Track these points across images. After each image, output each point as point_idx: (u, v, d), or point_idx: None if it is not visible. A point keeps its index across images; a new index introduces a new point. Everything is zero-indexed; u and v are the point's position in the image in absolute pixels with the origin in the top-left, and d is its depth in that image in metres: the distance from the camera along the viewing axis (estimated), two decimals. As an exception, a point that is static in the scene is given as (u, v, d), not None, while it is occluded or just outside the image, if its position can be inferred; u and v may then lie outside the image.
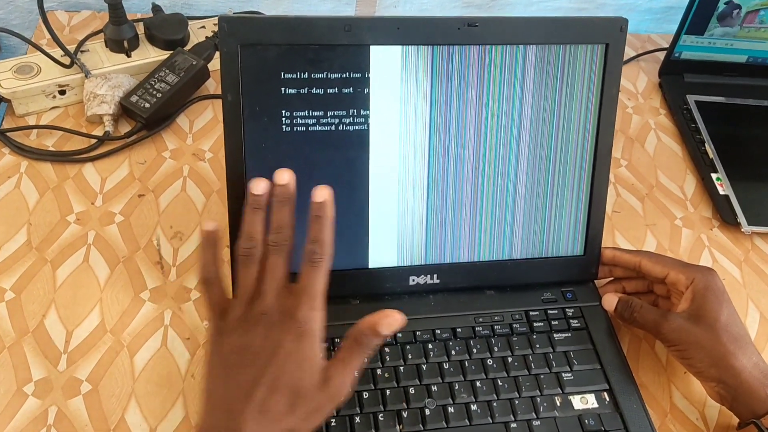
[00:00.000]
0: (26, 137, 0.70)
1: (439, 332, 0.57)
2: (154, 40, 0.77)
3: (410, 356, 0.55)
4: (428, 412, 0.52)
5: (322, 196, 0.47)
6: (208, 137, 0.73)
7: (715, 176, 0.76)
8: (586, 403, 0.55)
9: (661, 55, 0.90)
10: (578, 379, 0.56)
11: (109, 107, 0.71)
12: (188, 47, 0.77)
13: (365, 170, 0.55)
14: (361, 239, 0.57)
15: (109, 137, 0.70)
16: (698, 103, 0.85)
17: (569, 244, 0.61)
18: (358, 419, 0.51)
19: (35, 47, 0.72)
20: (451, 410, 0.53)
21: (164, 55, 0.76)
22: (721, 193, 0.75)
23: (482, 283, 0.60)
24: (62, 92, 0.73)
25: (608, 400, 0.55)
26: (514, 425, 0.52)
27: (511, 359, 0.56)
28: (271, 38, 0.51)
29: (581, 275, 0.62)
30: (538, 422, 0.53)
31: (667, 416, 0.57)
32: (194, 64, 0.74)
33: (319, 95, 0.53)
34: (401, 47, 0.53)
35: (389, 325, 0.45)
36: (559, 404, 0.54)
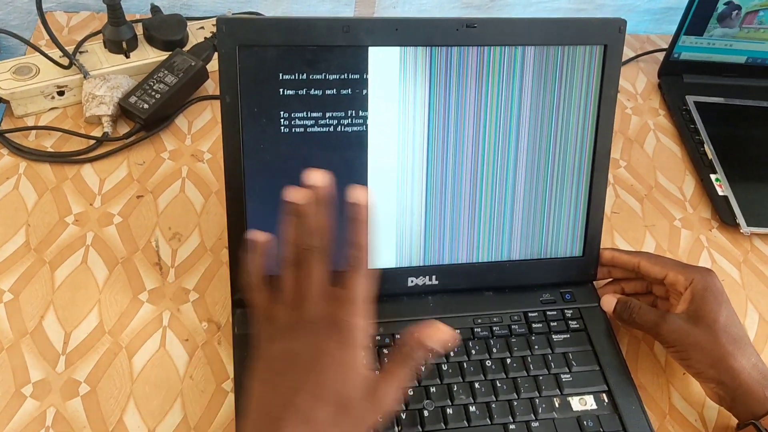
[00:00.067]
0: (25, 138, 0.70)
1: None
2: (152, 40, 0.77)
3: (409, 357, 0.55)
4: (426, 413, 0.52)
5: (356, 197, 0.45)
6: (206, 138, 0.73)
7: (714, 177, 0.76)
8: (584, 404, 0.55)
9: (660, 55, 0.90)
10: (577, 380, 0.56)
11: (107, 108, 0.71)
12: (187, 48, 0.77)
13: (363, 171, 0.55)
14: (359, 240, 0.57)
15: (107, 138, 0.70)
16: (697, 103, 0.85)
17: (568, 245, 0.61)
18: (356, 421, 0.51)
19: (34, 48, 0.72)
20: (449, 411, 0.53)
21: (163, 55, 0.76)
22: (720, 194, 0.75)
23: (481, 284, 0.60)
24: (61, 93, 0.72)
25: (607, 401, 0.55)
26: (512, 426, 0.52)
27: (509, 360, 0.56)
28: (269, 39, 0.51)
29: (580, 276, 0.62)
30: (536, 423, 0.53)
31: (665, 417, 0.57)
32: (193, 64, 0.74)
33: (317, 96, 0.53)
34: (400, 48, 0.53)
35: (437, 340, 0.43)
36: (557, 405, 0.54)
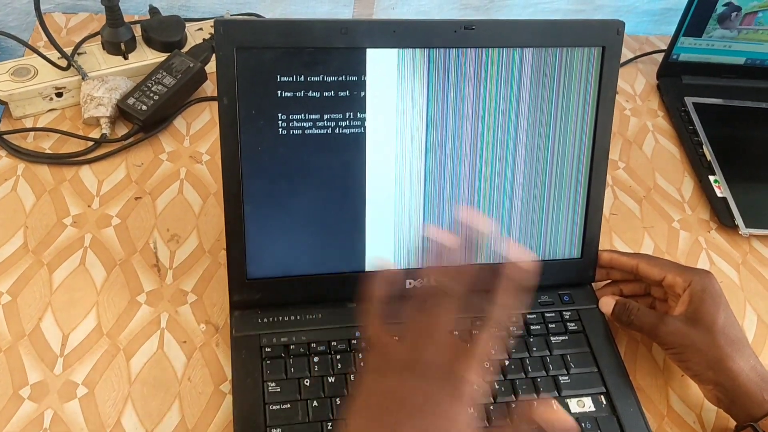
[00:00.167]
0: (23, 140, 0.70)
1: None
2: (151, 42, 0.77)
3: (407, 359, 0.55)
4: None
5: (521, 263, 0.45)
6: (205, 140, 0.73)
7: (712, 178, 0.76)
8: (582, 406, 0.55)
9: (659, 56, 0.90)
10: (575, 382, 0.56)
11: (106, 110, 0.70)
12: (185, 49, 0.77)
13: (362, 173, 0.55)
14: (357, 242, 0.57)
15: (106, 140, 0.70)
16: (696, 105, 0.85)
17: (566, 246, 0.61)
18: (354, 423, 0.51)
19: (32, 50, 0.72)
20: (447, 414, 0.53)
21: (161, 57, 0.76)
22: (718, 195, 0.75)
23: (479, 285, 0.60)
24: (59, 94, 0.72)
25: (605, 403, 0.55)
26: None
27: (507, 362, 0.56)
28: (267, 41, 0.51)
29: (578, 278, 0.62)
30: (534, 426, 0.53)
31: (664, 419, 0.57)
32: (191, 66, 0.74)
33: (315, 98, 0.53)
34: (397, 50, 0.53)
35: (552, 424, 0.43)
36: (555, 407, 0.54)
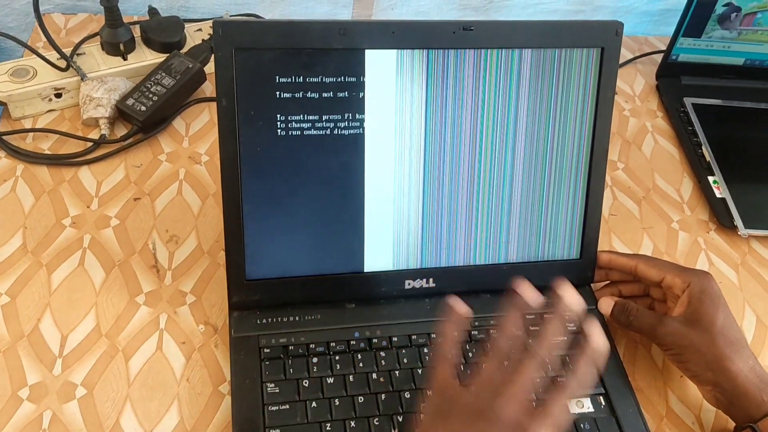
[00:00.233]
0: (22, 140, 0.70)
1: (434, 336, 0.57)
2: (150, 42, 0.77)
3: (405, 360, 0.55)
4: (423, 416, 0.52)
5: (595, 340, 0.45)
6: (204, 140, 0.73)
7: (711, 179, 0.76)
8: (582, 407, 0.54)
9: (658, 57, 0.90)
10: (574, 383, 0.56)
11: (105, 110, 0.70)
12: (185, 50, 0.77)
13: (360, 174, 0.55)
14: (356, 243, 0.57)
15: (105, 140, 0.70)
16: (695, 105, 0.85)
17: (565, 247, 0.61)
18: (353, 424, 0.51)
19: (31, 50, 0.72)
20: (446, 415, 0.53)
21: (160, 58, 0.76)
22: (717, 196, 0.75)
23: (478, 286, 0.60)
24: (58, 95, 0.72)
25: (604, 404, 0.55)
26: (509, 429, 0.52)
27: (506, 363, 0.56)
28: (265, 42, 0.51)
29: (577, 279, 0.61)
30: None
31: (663, 420, 0.57)
32: (190, 67, 0.74)
33: (314, 99, 0.53)
34: (396, 51, 0.53)
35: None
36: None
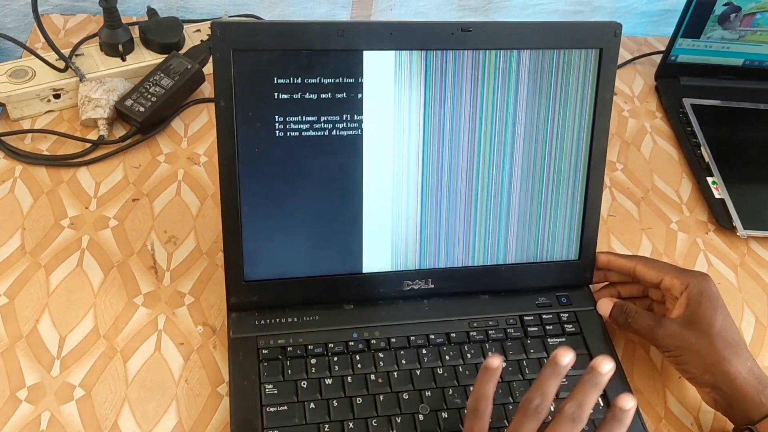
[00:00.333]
0: (20, 141, 0.70)
1: (433, 337, 0.57)
2: (149, 43, 0.77)
3: (404, 362, 0.55)
4: (422, 417, 0.52)
5: (625, 402, 0.46)
6: (203, 141, 0.73)
7: (710, 180, 0.76)
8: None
9: (657, 58, 0.90)
10: (572, 384, 0.55)
11: (103, 111, 0.70)
12: (183, 51, 0.77)
13: (359, 175, 0.55)
14: (354, 244, 0.57)
15: (103, 141, 0.70)
16: (694, 106, 0.85)
17: (564, 248, 0.61)
18: (351, 425, 0.51)
19: (29, 51, 0.72)
20: (444, 416, 0.52)
21: (159, 58, 0.76)
22: (716, 196, 0.75)
23: (477, 287, 0.60)
24: (57, 96, 0.72)
25: (602, 405, 0.55)
26: (508, 431, 0.52)
27: (505, 364, 0.56)
28: (264, 43, 0.51)
29: (576, 280, 0.62)
30: None
31: (661, 421, 0.57)
32: (189, 67, 0.74)
33: (312, 100, 0.53)
34: (394, 52, 0.53)
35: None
36: (553, 409, 0.54)
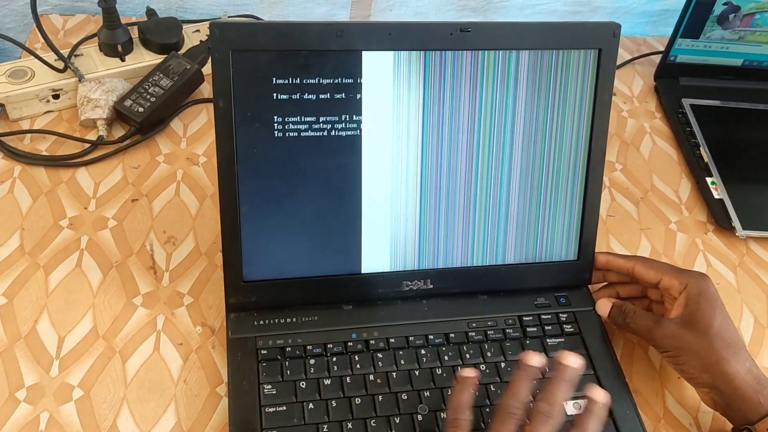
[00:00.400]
0: (20, 142, 0.70)
1: (432, 337, 0.57)
2: (148, 44, 0.77)
3: (402, 362, 0.55)
4: (420, 418, 0.52)
5: (596, 394, 0.47)
6: (202, 141, 0.73)
7: (710, 180, 0.76)
8: (579, 408, 0.54)
9: (656, 58, 0.90)
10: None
11: (102, 111, 0.70)
12: (182, 51, 0.77)
13: (358, 175, 0.55)
14: (353, 244, 0.57)
15: (102, 142, 0.70)
16: (693, 106, 0.85)
17: (563, 249, 0.61)
18: (350, 425, 0.51)
19: (28, 51, 0.72)
20: (443, 416, 0.52)
21: (158, 59, 0.76)
22: (715, 197, 0.75)
23: (475, 288, 0.60)
24: (56, 96, 0.72)
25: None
26: (506, 431, 0.52)
27: (504, 365, 0.56)
28: (262, 44, 0.51)
29: (575, 280, 0.62)
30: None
31: (660, 422, 0.57)
32: (188, 68, 0.74)
33: (311, 101, 0.53)
34: (393, 53, 0.53)
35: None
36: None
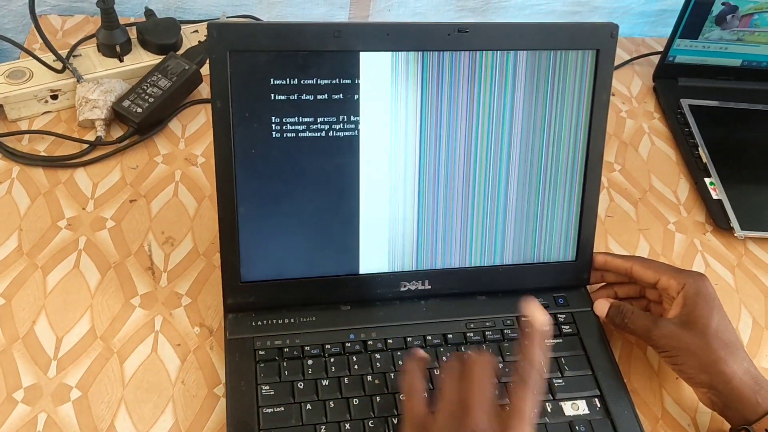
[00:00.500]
0: (18, 142, 0.70)
1: (430, 338, 0.57)
2: (146, 44, 0.77)
3: (401, 363, 0.55)
4: None
5: (531, 314, 0.45)
6: (200, 142, 0.73)
7: (708, 181, 0.76)
8: (577, 409, 0.54)
9: (655, 58, 0.90)
10: (569, 385, 0.56)
11: (101, 112, 0.70)
12: (181, 52, 0.77)
13: (355, 176, 0.55)
14: (351, 245, 0.57)
15: (101, 142, 0.70)
16: (692, 107, 0.85)
17: (561, 249, 0.61)
18: (348, 426, 0.51)
19: (27, 52, 0.72)
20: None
21: (157, 59, 0.76)
22: (714, 197, 0.75)
23: (474, 288, 0.60)
24: (54, 97, 0.72)
25: (599, 406, 0.55)
26: None
27: (501, 365, 0.56)
28: (260, 44, 0.51)
29: (573, 281, 0.62)
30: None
31: (658, 422, 0.57)
32: (187, 68, 0.74)
33: (308, 101, 0.53)
34: (391, 53, 0.53)
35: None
36: (549, 410, 0.54)
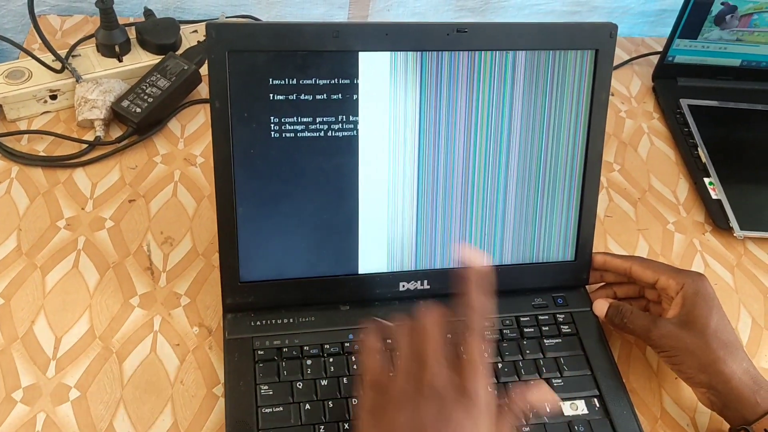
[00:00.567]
0: (17, 142, 0.70)
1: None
2: (145, 44, 0.77)
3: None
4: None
5: (466, 258, 0.44)
6: (199, 142, 0.73)
7: (707, 181, 0.76)
8: (576, 409, 0.54)
9: (654, 58, 0.90)
10: (568, 385, 0.56)
11: (100, 112, 0.70)
12: (180, 52, 0.77)
13: (354, 176, 0.55)
14: (350, 245, 0.57)
15: (100, 142, 0.70)
16: (691, 107, 0.85)
17: (560, 249, 0.61)
18: (347, 426, 0.51)
19: (26, 52, 0.72)
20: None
21: (156, 59, 0.76)
22: (713, 197, 0.75)
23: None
24: (53, 97, 0.72)
25: (598, 406, 0.55)
26: None
27: (501, 365, 0.56)
28: (259, 44, 0.51)
29: (572, 281, 0.62)
30: (527, 429, 0.53)
31: (657, 422, 0.57)
32: (186, 68, 0.74)
33: (307, 101, 0.53)
34: (390, 53, 0.53)
35: (542, 402, 0.44)
36: (548, 410, 0.54)
